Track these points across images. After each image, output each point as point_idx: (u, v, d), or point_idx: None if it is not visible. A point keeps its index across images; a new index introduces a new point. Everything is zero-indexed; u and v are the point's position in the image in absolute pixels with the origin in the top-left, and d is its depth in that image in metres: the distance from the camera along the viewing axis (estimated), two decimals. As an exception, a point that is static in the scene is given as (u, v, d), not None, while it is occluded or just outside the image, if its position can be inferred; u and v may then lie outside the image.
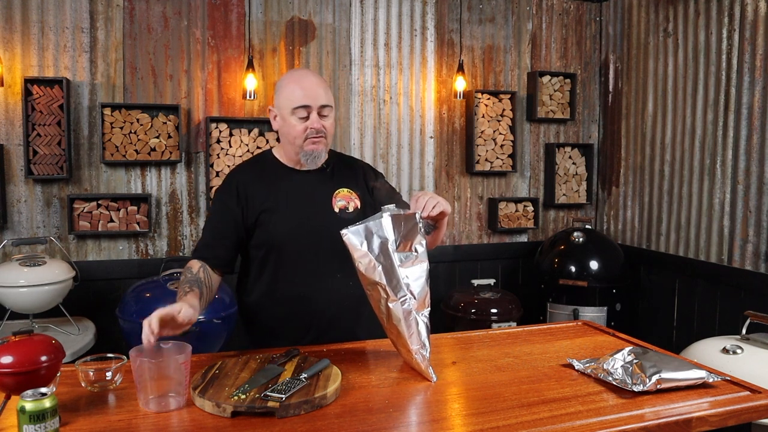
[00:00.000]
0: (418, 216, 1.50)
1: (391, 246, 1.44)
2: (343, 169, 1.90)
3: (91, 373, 1.38)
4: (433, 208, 1.56)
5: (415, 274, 1.45)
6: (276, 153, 1.89)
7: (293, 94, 1.75)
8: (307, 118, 1.74)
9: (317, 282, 1.78)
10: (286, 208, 1.79)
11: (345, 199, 1.84)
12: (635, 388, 1.38)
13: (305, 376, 1.37)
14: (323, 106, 1.76)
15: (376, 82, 3.63)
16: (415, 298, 1.44)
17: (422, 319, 1.45)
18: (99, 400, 1.33)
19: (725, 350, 2.22)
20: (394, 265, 1.43)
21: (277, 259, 1.78)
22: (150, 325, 1.33)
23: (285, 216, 1.78)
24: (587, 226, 3.67)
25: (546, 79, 3.89)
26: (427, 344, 1.46)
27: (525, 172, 3.98)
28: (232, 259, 1.79)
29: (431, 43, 3.73)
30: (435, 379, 1.45)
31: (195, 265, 1.72)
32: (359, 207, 1.84)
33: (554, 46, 3.97)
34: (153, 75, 3.25)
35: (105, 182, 3.21)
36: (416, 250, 1.47)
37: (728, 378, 1.48)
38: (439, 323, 3.27)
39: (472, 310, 3.35)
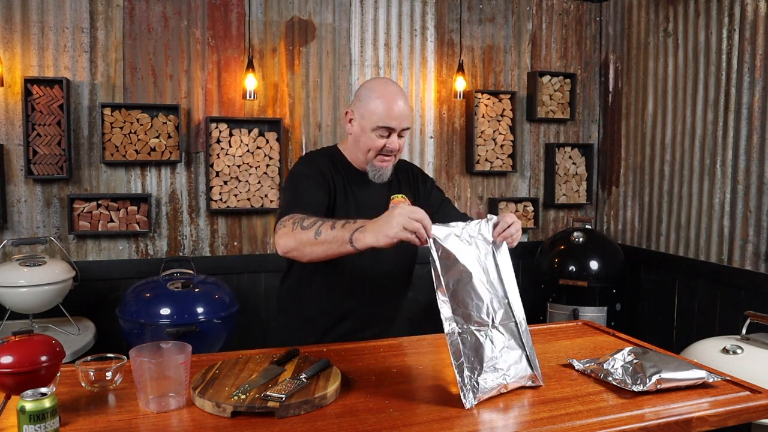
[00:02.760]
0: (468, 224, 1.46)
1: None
2: (399, 173, 1.93)
3: (91, 373, 1.38)
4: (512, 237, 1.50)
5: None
6: (344, 151, 1.88)
7: (381, 113, 1.72)
8: (387, 137, 1.75)
9: (366, 282, 1.81)
10: (347, 208, 1.80)
11: (398, 204, 1.88)
12: (635, 388, 1.38)
13: (305, 376, 1.37)
14: (404, 129, 1.78)
15: (376, 82, 3.62)
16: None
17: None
18: (99, 400, 1.33)
19: (725, 350, 2.22)
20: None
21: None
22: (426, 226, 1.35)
23: (344, 214, 1.77)
24: (587, 226, 3.67)
25: (546, 79, 3.89)
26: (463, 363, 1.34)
27: (525, 172, 3.98)
28: None
29: (431, 43, 3.73)
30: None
31: (302, 213, 1.58)
32: None
33: (554, 46, 3.97)
34: (153, 75, 3.25)
35: (105, 182, 3.21)
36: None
37: (728, 378, 1.48)
38: (439, 323, 3.26)
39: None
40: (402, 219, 1.35)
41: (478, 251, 1.44)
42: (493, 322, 1.40)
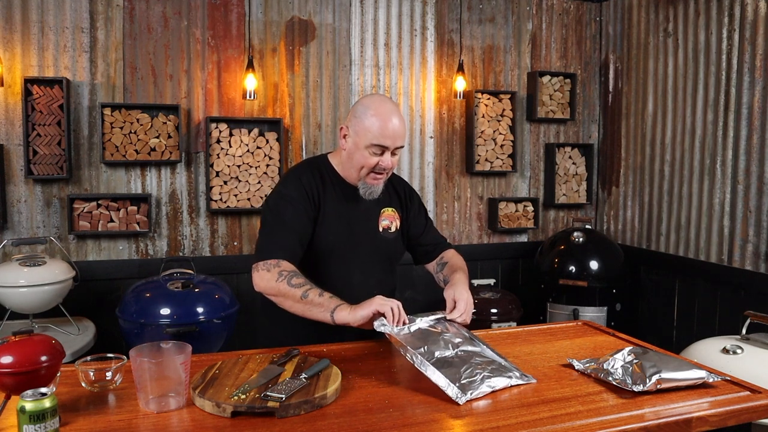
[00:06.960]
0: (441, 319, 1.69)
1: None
2: (390, 187, 1.94)
3: (91, 373, 1.38)
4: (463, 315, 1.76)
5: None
6: (333, 162, 1.88)
7: (376, 130, 1.73)
8: (380, 155, 1.75)
9: (354, 294, 1.81)
10: (338, 222, 1.82)
11: (389, 219, 1.92)
12: (635, 388, 1.38)
13: (305, 376, 1.37)
14: (397, 147, 1.78)
15: (376, 82, 3.63)
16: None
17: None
18: (99, 400, 1.33)
19: (725, 350, 2.22)
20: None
21: (319, 267, 1.81)
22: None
23: (335, 229, 1.81)
24: (587, 226, 3.67)
25: (546, 79, 3.89)
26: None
27: (525, 172, 3.98)
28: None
29: (431, 43, 3.73)
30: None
31: (291, 266, 1.68)
32: (399, 227, 1.94)
33: (554, 46, 3.97)
34: (153, 75, 3.25)
35: (105, 182, 3.21)
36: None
37: (728, 378, 1.49)
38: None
39: (472, 310, 3.34)
40: (380, 300, 1.54)
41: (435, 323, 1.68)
42: (456, 346, 1.53)
